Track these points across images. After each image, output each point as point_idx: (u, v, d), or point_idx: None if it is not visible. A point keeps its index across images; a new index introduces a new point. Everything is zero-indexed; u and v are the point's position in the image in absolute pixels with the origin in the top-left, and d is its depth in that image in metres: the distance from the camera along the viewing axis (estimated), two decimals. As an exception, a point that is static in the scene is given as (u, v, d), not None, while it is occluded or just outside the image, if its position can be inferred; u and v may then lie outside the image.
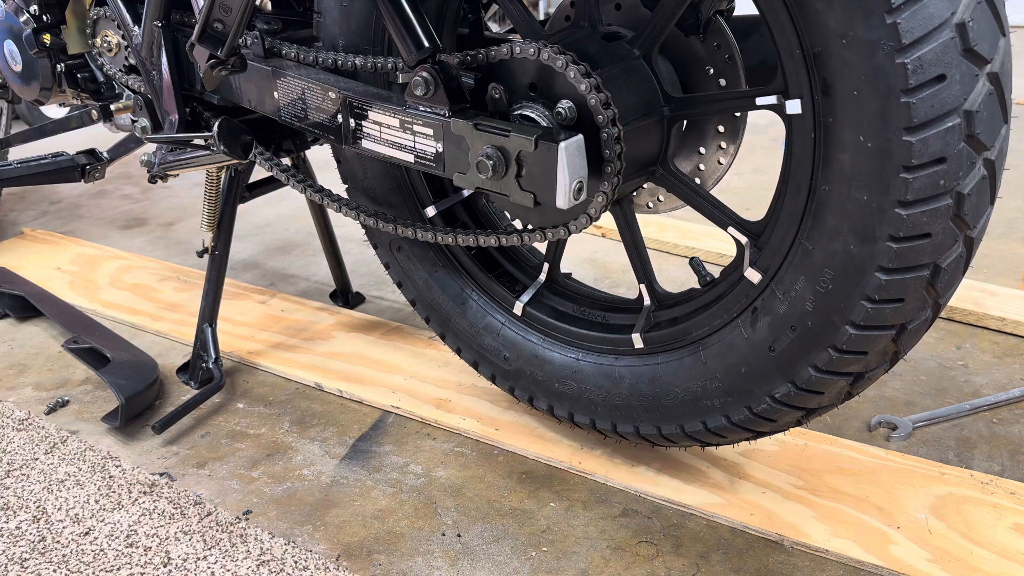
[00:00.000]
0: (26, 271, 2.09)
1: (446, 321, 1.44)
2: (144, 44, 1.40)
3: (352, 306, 1.95)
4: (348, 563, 1.17)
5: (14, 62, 1.72)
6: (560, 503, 1.27)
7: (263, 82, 1.30)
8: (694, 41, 1.15)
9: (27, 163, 1.90)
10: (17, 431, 1.48)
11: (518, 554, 1.17)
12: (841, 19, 0.88)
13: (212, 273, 1.62)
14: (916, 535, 1.16)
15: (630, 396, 1.24)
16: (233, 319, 1.83)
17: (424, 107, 1.11)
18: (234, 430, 1.48)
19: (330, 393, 1.58)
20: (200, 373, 1.59)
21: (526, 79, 1.09)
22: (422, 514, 1.26)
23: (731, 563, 1.14)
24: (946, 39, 0.85)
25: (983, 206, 0.93)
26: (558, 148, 1.00)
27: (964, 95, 0.86)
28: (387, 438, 1.45)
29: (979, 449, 1.36)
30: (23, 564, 1.17)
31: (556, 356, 1.32)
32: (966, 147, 0.88)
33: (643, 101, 1.11)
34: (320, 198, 1.38)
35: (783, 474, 1.29)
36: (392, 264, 1.48)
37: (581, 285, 1.42)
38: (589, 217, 1.11)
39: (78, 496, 1.31)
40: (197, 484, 1.34)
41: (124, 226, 2.53)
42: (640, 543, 1.19)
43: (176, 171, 1.56)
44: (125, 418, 1.46)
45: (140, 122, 1.48)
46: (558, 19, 1.25)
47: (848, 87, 0.90)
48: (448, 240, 1.28)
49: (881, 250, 0.94)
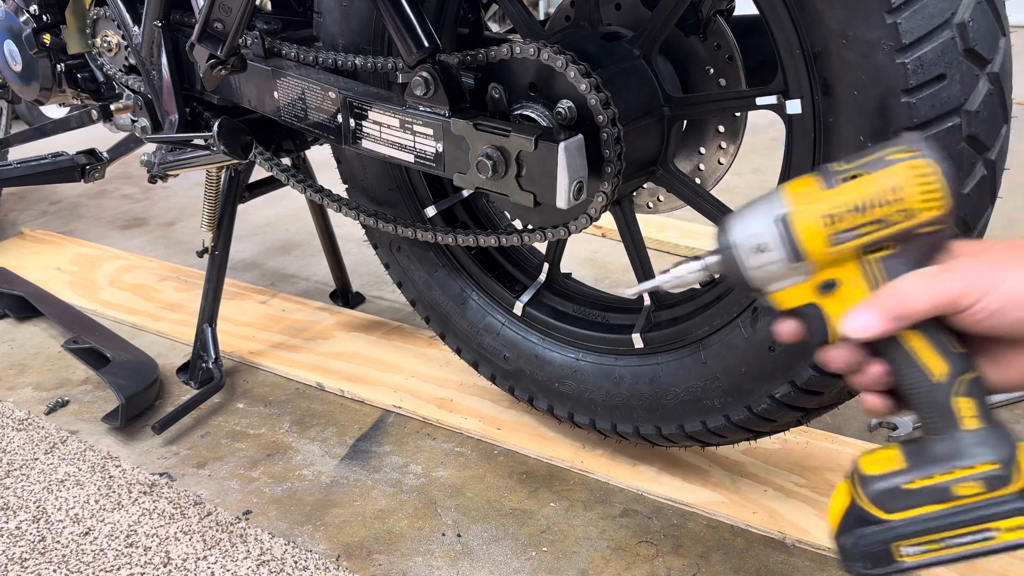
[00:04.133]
0: (26, 271, 2.09)
1: (446, 321, 1.44)
2: (144, 44, 1.40)
3: (352, 306, 1.95)
4: (348, 563, 1.17)
5: (14, 62, 1.72)
6: (560, 503, 1.27)
7: (263, 82, 1.30)
8: (694, 41, 1.15)
9: (27, 163, 1.90)
10: (17, 431, 1.48)
11: (518, 554, 1.17)
12: (841, 19, 0.88)
13: (212, 273, 1.62)
14: (916, 535, 1.15)
15: (630, 396, 1.24)
16: (233, 319, 1.83)
17: (424, 107, 1.11)
18: (234, 430, 1.48)
19: (331, 393, 1.58)
20: (200, 373, 1.59)
21: (526, 79, 1.09)
22: (422, 514, 1.26)
23: (731, 563, 1.14)
24: (946, 39, 0.85)
25: (983, 206, 0.93)
26: (558, 148, 1.00)
27: (964, 95, 0.86)
28: (387, 438, 1.45)
29: (979, 449, 1.35)
30: (23, 564, 1.17)
31: (556, 356, 1.32)
32: (966, 147, 0.88)
33: (643, 101, 1.11)
34: (320, 198, 1.38)
35: (785, 472, 1.29)
36: (392, 264, 1.48)
37: (581, 285, 1.42)
38: (589, 217, 1.11)
39: (78, 496, 1.31)
40: (197, 484, 1.34)
41: (124, 226, 2.53)
42: (640, 543, 1.19)
43: (176, 171, 1.55)
44: (125, 418, 1.46)
45: (140, 122, 1.48)
46: (558, 19, 1.25)
47: (848, 87, 0.90)
48: (448, 240, 1.28)
49: (881, 250, 0.94)
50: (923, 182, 0.66)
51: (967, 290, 0.65)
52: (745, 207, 0.73)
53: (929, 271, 0.67)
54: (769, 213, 0.71)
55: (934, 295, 0.66)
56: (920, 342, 0.69)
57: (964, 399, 0.69)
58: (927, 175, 0.66)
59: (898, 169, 0.67)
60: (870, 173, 0.68)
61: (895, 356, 0.70)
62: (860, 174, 0.68)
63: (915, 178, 0.66)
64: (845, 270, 0.71)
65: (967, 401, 0.69)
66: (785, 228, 0.70)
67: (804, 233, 0.70)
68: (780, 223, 0.70)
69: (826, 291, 0.72)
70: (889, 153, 0.68)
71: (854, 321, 0.69)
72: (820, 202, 0.69)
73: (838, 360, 0.72)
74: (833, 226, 0.69)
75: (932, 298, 0.66)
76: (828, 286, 0.72)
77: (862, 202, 0.67)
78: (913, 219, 0.67)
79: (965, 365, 0.69)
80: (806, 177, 0.72)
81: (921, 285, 0.67)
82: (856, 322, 0.68)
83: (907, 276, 0.68)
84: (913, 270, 0.68)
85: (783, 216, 0.70)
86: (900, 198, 0.67)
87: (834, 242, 0.69)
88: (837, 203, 0.68)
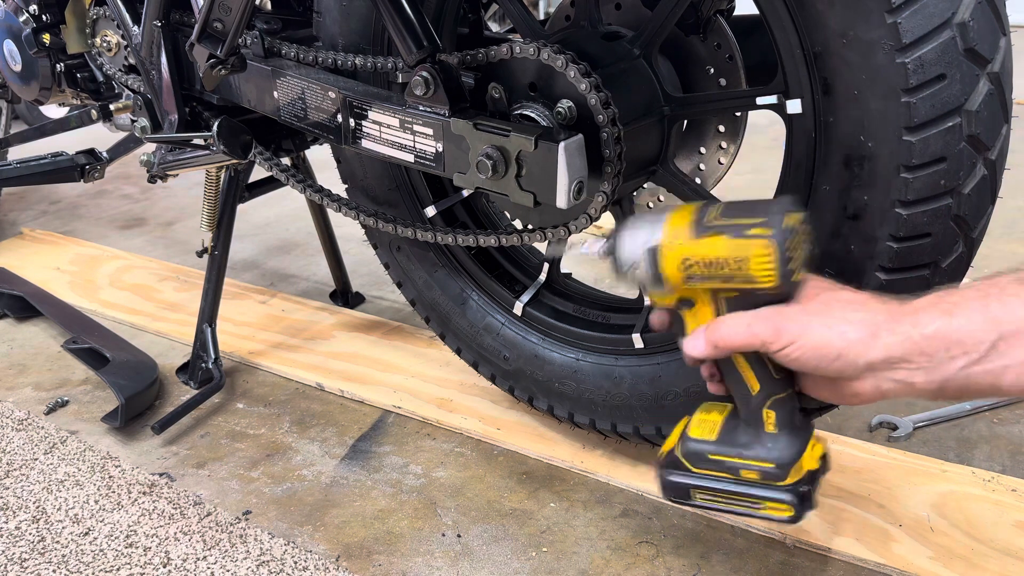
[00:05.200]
0: (26, 271, 2.09)
1: (446, 321, 1.44)
2: (144, 44, 1.40)
3: (352, 306, 1.95)
4: (348, 563, 1.16)
5: (14, 62, 1.72)
6: (560, 503, 1.27)
7: (263, 82, 1.30)
8: (694, 41, 1.15)
9: (26, 163, 1.90)
10: (17, 431, 1.48)
11: (518, 554, 1.17)
12: (842, 19, 0.88)
13: (212, 273, 1.62)
14: (918, 533, 1.15)
15: (630, 396, 1.23)
16: (233, 319, 1.83)
17: (424, 107, 1.11)
18: (234, 430, 1.48)
19: (331, 393, 1.58)
20: (200, 373, 1.59)
21: (526, 79, 1.09)
22: (422, 514, 1.26)
23: (731, 563, 1.14)
24: (946, 39, 0.85)
25: (983, 206, 0.93)
26: (558, 148, 0.99)
27: (965, 95, 0.86)
28: (387, 438, 1.45)
29: (979, 449, 1.36)
30: (23, 564, 1.17)
31: (556, 356, 1.32)
32: (967, 147, 0.88)
33: (643, 101, 1.11)
34: (320, 198, 1.38)
35: (783, 474, 1.28)
36: (392, 264, 1.47)
37: (581, 285, 1.41)
38: (589, 217, 1.11)
39: (78, 496, 1.31)
40: (197, 484, 1.34)
41: (124, 226, 2.53)
42: (640, 543, 1.19)
43: (176, 171, 1.55)
44: (125, 418, 1.46)
45: (139, 122, 1.48)
46: (558, 19, 1.24)
47: (849, 87, 0.90)
48: (448, 240, 1.28)
49: (881, 250, 0.94)
50: (763, 261, 0.80)
51: (773, 338, 0.79)
52: (635, 224, 0.88)
53: (748, 315, 0.82)
54: (646, 240, 0.86)
55: (747, 336, 0.81)
56: (744, 364, 0.86)
57: (771, 411, 0.87)
58: (768, 255, 0.80)
59: (748, 244, 0.81)
60: (728, 237, 0.82)
61: (728, 369, 0.88)
62: (721, 235, 0.82)
63: (757, 256, 0.80)
64: (699, 296, 0.87)
65: (771, 413, 0.87)
66: (653, 258, 0.86)
67: (666, 267, 0.86)
68: (650, 253, 0.86)
69: (684, 306, 0.89)
70: (749, 227, 0.81)
71: (688, 343, 0.87)
72: (683, 248, 0.84)
73: (688, 359, 0.89)
74: (688, 270, 0.84)
75: (745, 337, 0.82)
76: (686, 303, 0.89)
77: (713, 259, 0.82)
78: (751, 283, 0.82)
79: (778, 388, 0.86)
80: (686, 211, 0.86)
81: (739, 325, 0.82)
82: (689, 344, 0.87)
83: (731, 316, 0.84)
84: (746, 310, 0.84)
85: (654, 248, 0.86)
86: (742, 267, 0.81)
87: (688, 280, 0.85)
88: (694, 253, 0.84)
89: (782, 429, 0.87)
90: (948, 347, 0.72)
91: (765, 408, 0.87)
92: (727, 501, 0.90)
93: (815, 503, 0.87)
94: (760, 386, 0.86)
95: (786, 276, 0.81)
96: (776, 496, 0.87)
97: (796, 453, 0.87)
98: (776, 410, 0.87)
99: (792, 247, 0.80)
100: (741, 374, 0.87)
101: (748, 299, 0.84)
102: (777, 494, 0.87)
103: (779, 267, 0.80)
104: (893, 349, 0.75)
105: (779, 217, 0.81)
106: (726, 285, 0.83)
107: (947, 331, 0.73)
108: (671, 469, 0.93)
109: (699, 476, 0.91)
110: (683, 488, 0.92)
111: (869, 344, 0.75)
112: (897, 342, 0.74)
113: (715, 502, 0.91)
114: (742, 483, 0.89)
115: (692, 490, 0.92)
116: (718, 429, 0.91)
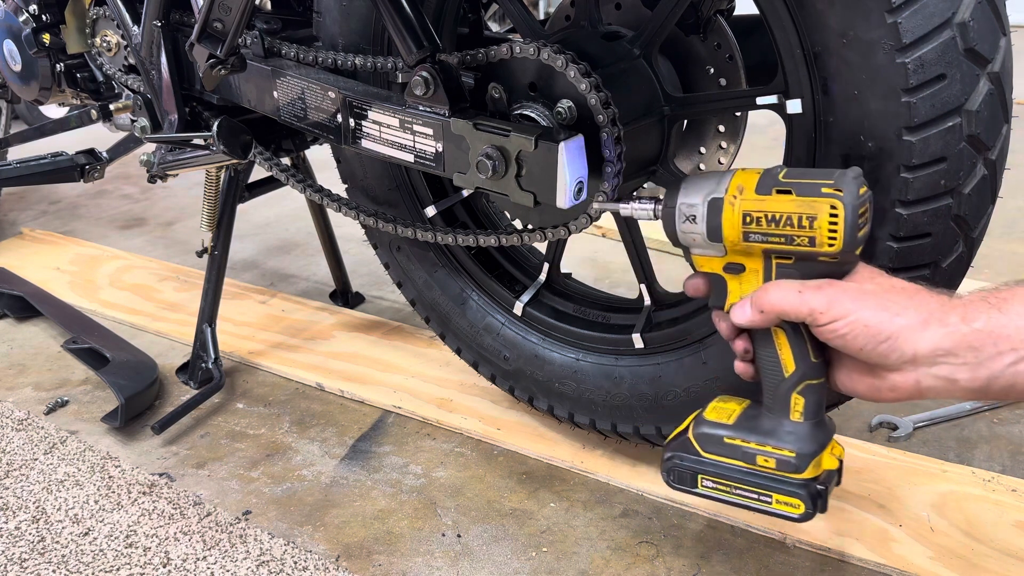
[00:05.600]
0: (26, 271, 2.09)
1: (446, 321, 1.44)
2: (143, 44, 1.40)
3: (352, 306, 1.95)
4: (348, 563, 1.16)
5: (14, 62, 1.72)
6: (560, 503, 1.27)
7: (263, 82, 1.30)
8: (694, 40, 1.15)
9: (26, 163, 1.90)
10: (16, 431, 1.48)
11: (518, 554, 1.17)
12: (842, 18, 0.88)
13: (212, 273, 1.62)
14: (918, 533, 1.15)
15: (630, 396, 1.23)
16: (233, 319, 1.83)
17: (424, 107, 1.11)
18: (234, 430, 1.48)
19: (331, 393, 1.58)
20: (200, 373, 1.59)
21: (526, 79, 1.09)
22: (422, 514, 1.26)
23: (732, 563, 1.14)
24: (947, 39, 0.85)
25: (984, 206, 0.93)
26: (558, 148, 0.99)
27: (965, 95, 0.86)
28: (387, 438, 1.45)
29: (979, 449, 1.36)
30: (22, 564, 1.17)
31: (556, 356, 1.32)
32: (967, 147, 0.88)
33: (643, 101, 1.11)
34: (320, 198, 1.38)
35: (783, 474, 1.28)
36: (392, 264, 1.47)
37: (581, 285, 1.41)
38: (589, 217, 1.11)
39: (77, 496, 1.31)
40: (197, 484, 1.34)
41: (124, 226, 2.53)
42: (640, 543, 1.19)
43: (176, 171, 1.55)
44: (125, 418, 1.46)
45: (139, 122, 1.48)
46: (558, 19, 1.24)
47: (849, 86, 0.90)
48: (448, 240, 1.28)
49: (881, 250, 0.93)
50: (832, 223, 0.76)
51: (824, 309, 0.77)
52: (700, 176, 0.85)
53: (802, 283, 0.79)
54: (709, 192, 0.83)
55: (796, 303, 0.78)
56: (784, 342, 0.83)
57: (800, 397, 0.84)
58: (838, 217, 0.76)
59: (819, 203, 0.77)
60: (798, 194, 0.78)
61: (765, 343, 0.84)
62: (791, 191, 0.78)
63: (827, 217, 0.77)
64: (751, 261, 0.83)
65: (801, 399, 0.84)
66: (713, 210, 0.82)
67: (725, 221, 0.82)
68: (712, 204, 0.82)
69: (732, 271, 0.85)
70: (823, 184, 0.77)
71: (736, 309, 0.84)
72: (747, 201, 0.80)
73: (724, 329, 0.87)
74: (748, 225, 0.80)
75: (794, 304, 0.78)
76: (735, 268, 0.85)
77: (779, 216, 0.79)
78: (814, 247, 0.78)
79: (813, 373, 0.83)
80: (755, 171, 0.82)
81: (790, 291, 0.79)
82: (736, 310, 0.84)
83: (783, 281, 0.81)
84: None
85: (716, 200, 0.82)
86: (808, 227, 0.78)
87: (746, 237, 0.81)
88: (759, 208, 0.80)
89: (808, 418, 0.84)
90: (996, 342, 0.71)
91: (795, 392, 0.83)
92: (734, 492, 0.87)
93: (826, 506, 0.85)
94: (795, 367, 0.83)
95: (849, 245, 0.77)
96: (789, 490, 0.84)
97: (819, 446, 0.84)
98: (806, 396, 0.83)
99: (862, 215, 0.77)
100: (778, 351, 0.83)
101: (803, 268, 0.80)
102: (790, 488, 0.84)
103: (846, 232, 0.76)
104: (941, 341, 0.73)
105: (854, 183, 0.77)
106: (785, 247, 0.79)
107: (996, 326, 0.72)
108: (680, 452, 0.90)
109: (709, 461, 0.88)
110: (690, 473, 0.89)
111: (919, 332, 0.74)
112: (946, 333, 0.73)
113: (721, 491, 0.88)
114: (755, 472, 0.85)
115: (699, 476, 0.88)
116: (736, 415, 0.88)
